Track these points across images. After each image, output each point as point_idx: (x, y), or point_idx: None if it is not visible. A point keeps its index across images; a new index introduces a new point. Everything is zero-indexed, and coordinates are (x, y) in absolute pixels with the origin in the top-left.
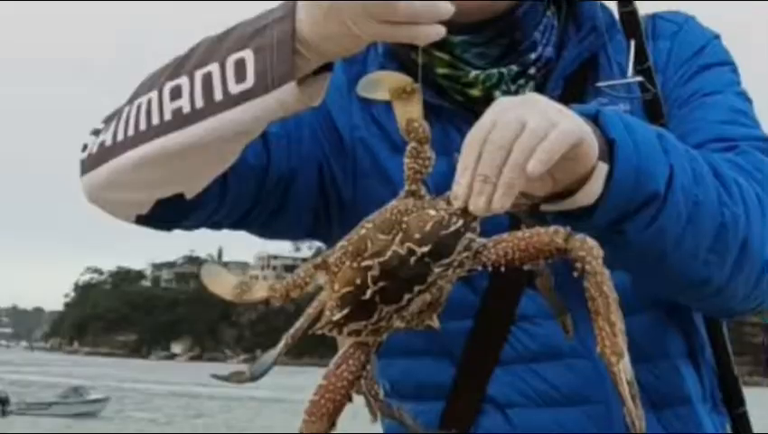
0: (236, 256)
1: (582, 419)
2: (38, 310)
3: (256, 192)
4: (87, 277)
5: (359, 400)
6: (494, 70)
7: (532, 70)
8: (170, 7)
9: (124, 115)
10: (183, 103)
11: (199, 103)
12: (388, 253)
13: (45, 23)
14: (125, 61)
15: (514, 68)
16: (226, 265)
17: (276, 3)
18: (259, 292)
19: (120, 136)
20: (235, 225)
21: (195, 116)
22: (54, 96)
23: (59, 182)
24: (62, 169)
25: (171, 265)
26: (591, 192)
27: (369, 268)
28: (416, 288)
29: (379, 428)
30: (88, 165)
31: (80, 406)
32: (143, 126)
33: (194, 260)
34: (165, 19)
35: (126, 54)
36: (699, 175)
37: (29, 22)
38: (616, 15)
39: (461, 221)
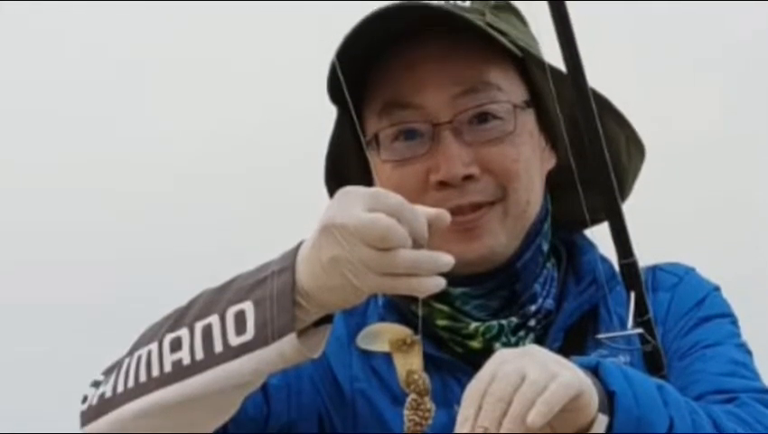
0: None
1: None
2: None
3: None
4: None
5: None
6: (494, 322)
7: (532, 322)
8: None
9: (124, 366)
10: (183, 355)
11: (199, 355)
12: None
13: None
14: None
15: (514, 320)
16: None
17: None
18: None
19: (120, 388)
20: None
21: (195, 368)
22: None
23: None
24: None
25: None
26: None
27: None
28: None
29: None
30: (89, 416)
31: None
32: (143, 377)
33: None
34: None
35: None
36: (699, 427)
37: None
38: (616, 267)
39: None
